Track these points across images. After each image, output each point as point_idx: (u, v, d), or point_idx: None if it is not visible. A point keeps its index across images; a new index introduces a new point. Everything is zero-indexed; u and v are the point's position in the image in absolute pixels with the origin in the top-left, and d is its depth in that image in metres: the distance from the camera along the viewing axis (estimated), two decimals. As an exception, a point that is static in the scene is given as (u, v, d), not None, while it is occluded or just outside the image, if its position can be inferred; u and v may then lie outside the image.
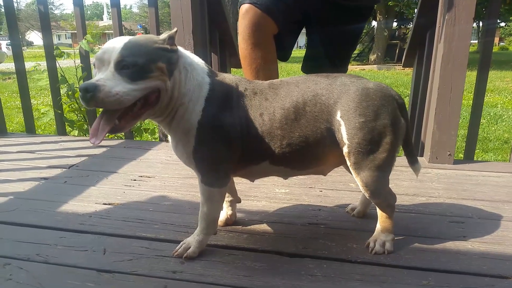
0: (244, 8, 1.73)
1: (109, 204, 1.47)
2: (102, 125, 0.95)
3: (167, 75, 0.97)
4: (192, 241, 1.13)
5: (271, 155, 1.07)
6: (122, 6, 2.46)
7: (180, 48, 1.04)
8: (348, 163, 1.07)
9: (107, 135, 0.98)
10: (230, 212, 1.30)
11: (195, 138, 1.03)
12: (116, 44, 0.94)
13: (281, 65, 12.20)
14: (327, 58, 1.97)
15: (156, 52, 0.96)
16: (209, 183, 1.07)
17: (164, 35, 0.99)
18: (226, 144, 1.04)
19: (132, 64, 0.91)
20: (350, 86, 1.05)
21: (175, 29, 1.01)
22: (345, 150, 1.05)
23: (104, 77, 0.91)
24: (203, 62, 1.09)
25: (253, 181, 1.25)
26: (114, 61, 0.92)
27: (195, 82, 1.03)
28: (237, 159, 1.08)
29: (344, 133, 1.03)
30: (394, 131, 1.05)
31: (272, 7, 1.71)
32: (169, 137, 1.11)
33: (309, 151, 1.07)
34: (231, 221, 1.30)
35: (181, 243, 1.14)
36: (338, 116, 1.03)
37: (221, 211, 1.30)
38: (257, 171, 1.14)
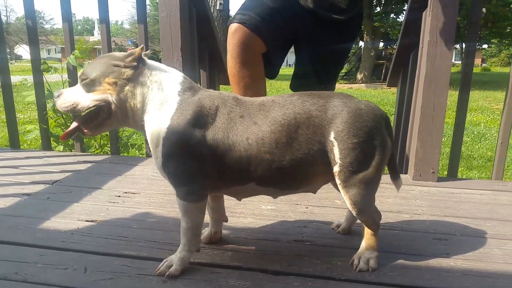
0: (233, 27, 1.75)
1: (92, 221, 1.45)
2: (70, 127, 1.10)
3: (116, 89, 1.05)
4: (174, 258, 1.11)
5: (258, 177, 1.07)
6: (113, 21, 2.53)
7: (154, 66, 1.09)
8: (338, 182, 1.07)
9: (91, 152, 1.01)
10: (214, 230, 1.28)
11: (162, 153, 1.04)
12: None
13: (270, 83, 12.32)
14: (315, 76, 2.00)
15: (109, 68, 1.06)
16: (183, 197, 1.06)
17: (127, 53, 1.07)
18: (196, 161, 1.03)
19: (86, 78, 1.06)
20: (343, 107, 1.05)
21: (140, 46, 1.07)
22: (336, 169, 1.06)
23: (71, 87, 1.09)
24: (181, 80, 1.09)
25: (240, 200, 1.24)
26: (79, 75, 1.09)
27: (157, 99, 1.06)
28: (216, 177, 1.06)
29: (337, 153, 1.04)
30: (383, 150, 1.07)
31: (261, 27, 1.74)
32: None
33: (300, 172, 1.07)
34: (215, 239, 1.28)
35: (164, 260, 1.12)
36: (331, 137, 1.04)
37: (206, 229, 1.29)
38: (243, 191, 1.13)
